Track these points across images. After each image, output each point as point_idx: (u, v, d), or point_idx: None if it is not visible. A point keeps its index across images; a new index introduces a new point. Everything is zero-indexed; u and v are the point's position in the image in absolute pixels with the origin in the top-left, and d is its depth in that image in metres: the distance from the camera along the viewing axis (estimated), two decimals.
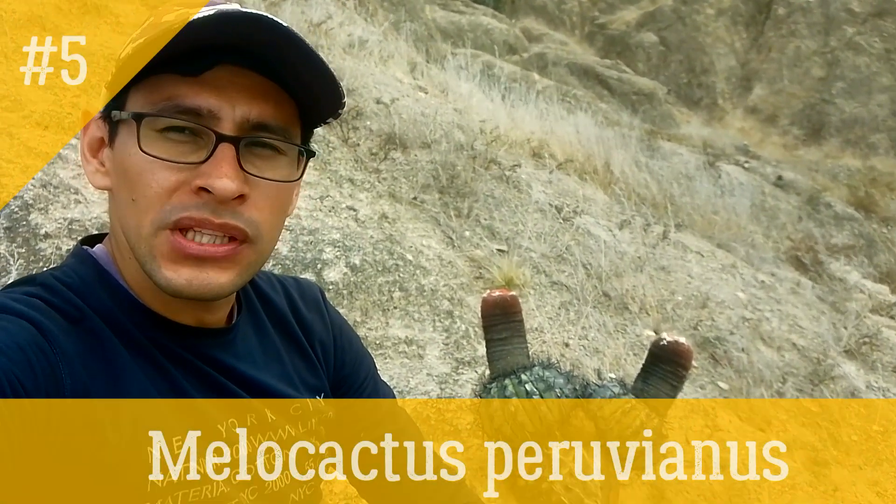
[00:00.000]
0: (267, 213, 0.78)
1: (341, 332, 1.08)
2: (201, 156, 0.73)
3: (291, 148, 0.80)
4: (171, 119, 0.72)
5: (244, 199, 0.75)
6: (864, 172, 13.57)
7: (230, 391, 0.85)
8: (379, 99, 4.90)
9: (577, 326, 3.53)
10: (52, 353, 0.68)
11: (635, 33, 17.12)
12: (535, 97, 7.62)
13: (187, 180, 0.72)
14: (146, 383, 0.76)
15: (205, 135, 0.73)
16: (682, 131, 13.16)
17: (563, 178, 5.46)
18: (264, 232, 0.78)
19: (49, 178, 2.68)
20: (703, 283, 4.50)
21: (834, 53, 15.67)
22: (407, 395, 2.65)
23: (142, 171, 0.73)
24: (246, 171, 0.74)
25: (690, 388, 3.45)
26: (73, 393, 0.68)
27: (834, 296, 5.36)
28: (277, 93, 0.77)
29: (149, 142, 0.72)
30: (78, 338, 0.72)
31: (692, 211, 6.31)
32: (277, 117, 0.77)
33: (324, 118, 0.85)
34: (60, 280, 0.77)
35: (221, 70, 0.73)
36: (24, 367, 0.64)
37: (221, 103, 0.73)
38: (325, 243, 3.11)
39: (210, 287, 0.75)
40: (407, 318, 3.03)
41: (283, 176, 0.79)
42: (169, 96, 0.73)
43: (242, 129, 0.74)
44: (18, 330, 0.67)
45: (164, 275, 0.74)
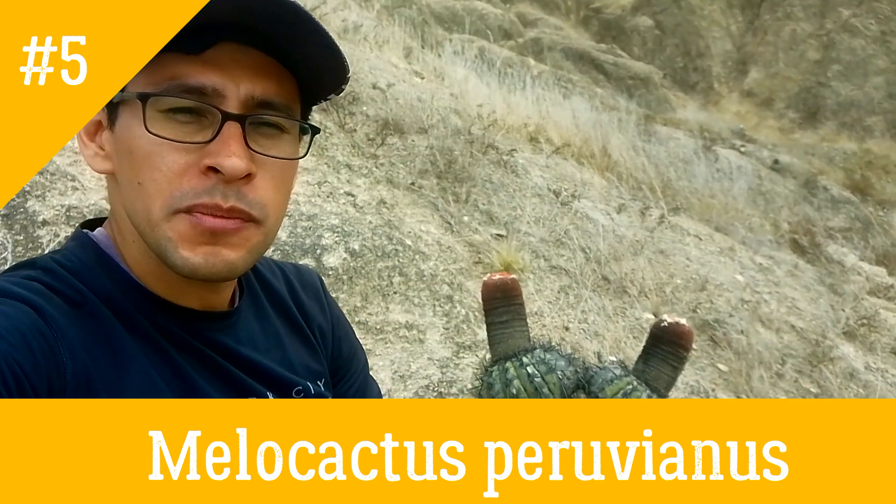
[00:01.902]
0: (272, 193, 0.77)
1: (339, 321, 1.08)
2: (207, 135, 0.72)
3: (293, 126, 0.79)
4: (176, 98, 0.71)
5: (251, 177, 0.74)
6: (860, 155, 13.58)
7: (233, 375, 0.84)
8: (375, 84, 4.87)
9: (576, 310, 3.53)
10: (53, 337, 0.67)
11: (630, 17, 17.06)
12: (531, 82, 7.59)
13: (195, 161, 0.72)
14: (148, 367, 0.75)
15: (210, 114, 0.72)
16: (678, 115, 13.15)
17: (561, 163, 5.45)
18: (270, 212, 0.77)
19: (46, 164, 2.66)
20: (701, 266, 4.50)
21: (829, 36, 15.64)
22: (408, 380, 2.65)
23: (148, 153, 0.72)
24: (252, 150, 0.74)
25: (690, 370, 3.46)
26: (75, 377, 0.67)
27: (832, 278, 5.37)
28: (279, 70, 0.76)
29: (154, 123, 0.71)
30: (79, 321, 0.71)
31: (689, 195, 6.31)
32: (281, 94, 0.76)
33: (326, 94, 0.83)
34: (61, 264, 0.76)
35: (223, 47, 0.72)
36: (24, 352, 0.63)
37: (226, 81, 0.72)
38: (323, 229, 3.10)
39: (224, 264, 0.74)
40: (407, 302, 3.03)
41: (287, 154, 0.78)
42: (172, 75, 0.71)
43: (247, 107, 0.73)
44: (18, 314, 0.66)
45: (181, 254, 0.73)
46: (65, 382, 0.67)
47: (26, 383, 0.62)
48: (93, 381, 0.69)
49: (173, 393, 0.77)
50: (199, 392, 0.80)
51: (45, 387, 0.64)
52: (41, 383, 0.64)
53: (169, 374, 0.77)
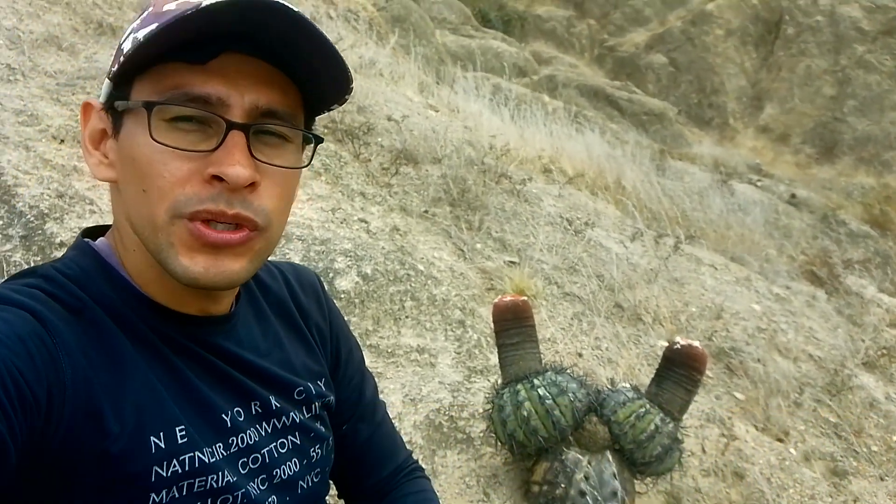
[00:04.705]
0: (276, 201, 0.78)
1: (337, 319, 1.09)
2: (211, 144, 0.73)
3: (297, 135, 0.80)
4: (181, 107, 0.72)
5: (255, 186, 0.75)
6: (878, 190, 13.48)
7: (234, 378, 0.85)
8: (390, 116, 4.93)
9: (590, 337, 3.51)
10: (53, 343, 0.68)
11: (644, 55, 17.20)
12: (545, 117, 7.65)
13: (199, 169, 0.72)
14: (148, 372, 0.75)
15: (214, 123, 0.73)
16: (693, 151, 13.16)
17: (574, 193, 5.46)
18: (274, 220, 0.78)
19: (65, 188, 2.72)
20: (717, 295, 4.46)
21: (845, 72, 15.66)
22: (419, 403, 2.63)
23: (153, 161, 0.72)
24: (256, 159, 0.74)
25: (706, 398, 3.41)
26: (74, 383, 0.68)
27: (850, 309, 5.30)
28: (283, 80, 0.77)
29: (159, 131, 0.72)
30: (79, 328, 0.72)
31: (705, 225, 6.28)
32: (285, 104, 0.77)
33: (329, 104, 0.84)
34: (61, 271, 0.77)
35: (228, 57, 0.73)
36: (24, 358, 0.63)
37: (230, 91, 0.73)
38: (336, 253, 3.12)
39: (225, 275, 0.75)
40: (419, 327, 3.02)
41: (291, 163, 0.79)
42: (176, 85, 0.72)
43: (251, 117, 0.74)
44: (18, 320, 0.66)
45: (181, 263, 0.73)
46: (64, 387, 0.67)
47: (26, 389, 0.62)
48: (92, 385, 0.69)
49: (172, 396, 0.77)
50: (197, 395, 0.80)
51: (44, 392, 0.64)
52: (40, 388, 0.64)
53: (168, 378, 0.77)
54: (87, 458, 0.68)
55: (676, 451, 2.37)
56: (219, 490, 0.78)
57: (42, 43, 3.65)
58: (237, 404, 0.84)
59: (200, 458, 0.76)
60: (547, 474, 2.35)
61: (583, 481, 2.26)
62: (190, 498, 0.75)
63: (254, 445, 0.84)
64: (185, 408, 0.77)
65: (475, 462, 2.47)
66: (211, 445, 0.79)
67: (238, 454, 0.82)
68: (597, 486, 2.25)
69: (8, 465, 0.59)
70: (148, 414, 0.73)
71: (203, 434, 0.78)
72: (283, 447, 0.89)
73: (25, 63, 3.41)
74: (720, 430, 3.11)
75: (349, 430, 1.06)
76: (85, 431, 0.68)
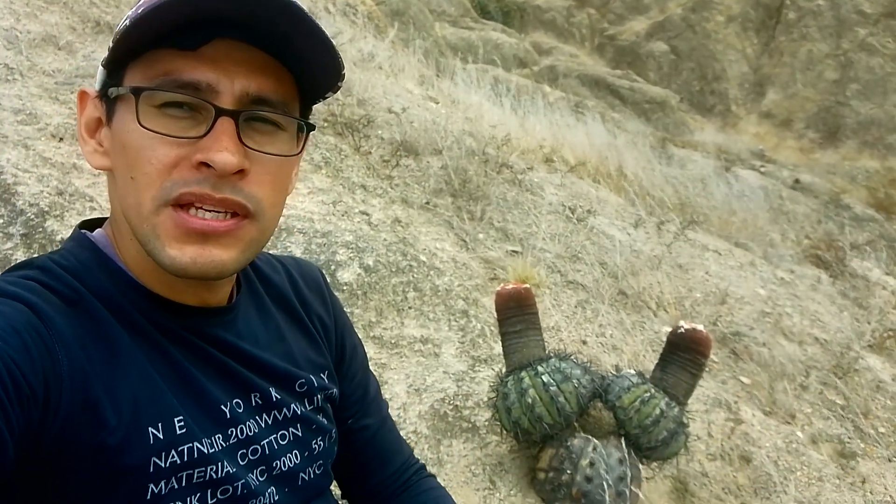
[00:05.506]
0: (267, 189, 0.76)
1: (340, 314, 1.08)
2: (200, 130, 0.72)
3: (291, 123, 0.79)
4: (169, 93, 0.71)
5: (244, 173, 0.74)
6: (882, 173, 13.44)
7: (233, 370, 0.84)
8: (390, 108, 4.92)
9: (594, 324, 3.50)
10: (49, 335, 0.67)
11: (645, 43, 17.14)
12: (545, 107, 7.63)
13: (187, 155, 0.71)
14: (146, 364, 0.75)
15: (204, 109, 0.72)
16: (696, 138, 13.12)
17: (576, 182, 5.45)
18: (266, 208, 0.77)
19: (65, 186, 2.72)
20: (721, 281, 4.45)
21: (847, 55, 15.57)
22: (423, 393, 2.63)
23: (141, 147, 0.71)
24: (246, 146, 0.73)
25: (712, 382, 3.41)
26: (71, 375, 0.67)
27: (856, 292, 5.28)
28: (276, 67, 0.76)
29: (147, 117, 0.71)
30: (75, 320, 0.71)
31: (708, 211, 6.27)
32: (277, 91, 0.76)
33: (322, 92, 0.83)
34: (58, 263, 0.76)
35: (219, 44, 0.72)
36: (20, 350, 0.63)
37: (220, 77, 0.72)
38: (338, 245, 3.12)
39: (214, 264, 0.74)
40: (422, 317, 3.02)
41: (282, 151, 0.78)
42: (166, 71, 0.71)
43: (242, 103, 0.73)
44: (14, 313, 0.66)
45: (168, 253, 0.72)
46: (60, 380, 0.66)
47: (22, 381, 0.61)
48: (88, 376, 0.69)
49: (170, 387, 0.76)
50: (196, 386, 0.79)
51: (40, 384, 0.64)
52: (37, 381, 0.63)
53: (166, 369, 0.77)
54: (85, 451, 0.67)
55: (682, 436, 2.36)
56: (218, 481, 0.77)
57: (40, 42, 3.65)
58: (236, 396, 0.83)
59: (199, 449, 0.76)
60: (553, 461, 2.35)
61: (589, 467, 2.26)
62: (189, 489, 0.75)
63: (253, 437, 0.83)
64: (184, 399, 0.77)
65: (481, 450, 2.47)
66: (210, 436, 0.78)
67: (237, 445, 0.81)
68: (603, 472, 2.25)
69: (6, 459, 0.59)
70: (146, 405, 0.73)
71: (202, 425, 0.77)
72: (284, 439, 0.88)
73: (23, 62, 3.41)
74: (726, 415, 3.11)
75: (354, 425, 1.05)
76: (82, 423, 0.67)
